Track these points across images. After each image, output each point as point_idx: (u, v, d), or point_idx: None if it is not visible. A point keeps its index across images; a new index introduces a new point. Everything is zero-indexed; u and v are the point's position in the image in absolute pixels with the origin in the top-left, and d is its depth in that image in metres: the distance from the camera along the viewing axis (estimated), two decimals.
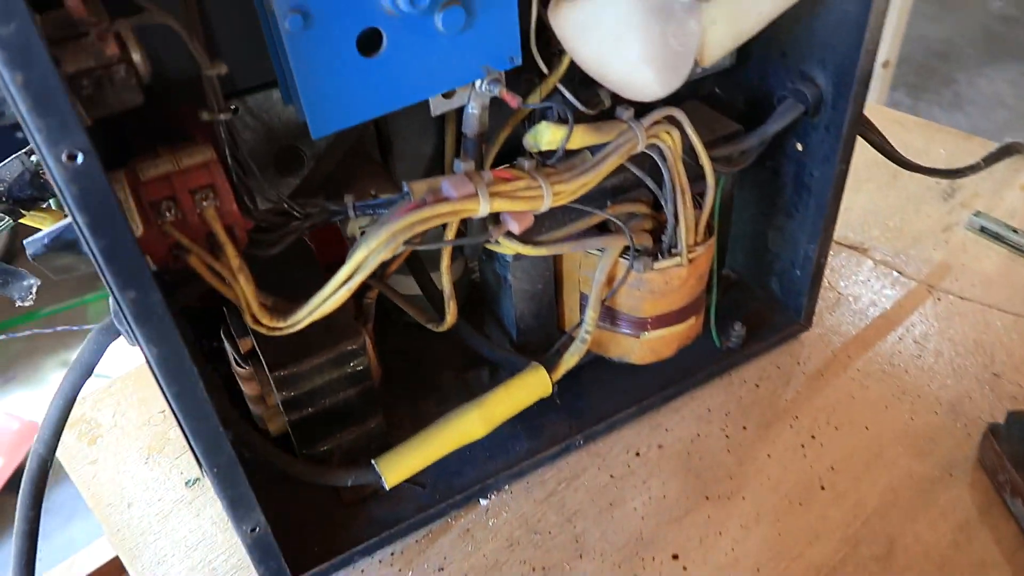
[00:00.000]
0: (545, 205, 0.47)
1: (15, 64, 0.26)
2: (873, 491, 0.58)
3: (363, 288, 0.61)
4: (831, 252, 0.79)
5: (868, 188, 0.89)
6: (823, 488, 0.58)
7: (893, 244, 0.81)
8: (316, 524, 0.55)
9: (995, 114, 2.51)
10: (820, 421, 0.63)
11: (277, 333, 0.43)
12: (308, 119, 0.40)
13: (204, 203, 0.38)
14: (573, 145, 0.49)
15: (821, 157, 0.61)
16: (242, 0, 0.39)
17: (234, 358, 0.55)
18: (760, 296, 0.73)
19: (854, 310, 0.73)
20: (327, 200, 0.45)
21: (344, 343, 0.53)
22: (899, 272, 0.78)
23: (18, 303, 0.46)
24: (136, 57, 0.35)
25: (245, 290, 0.40)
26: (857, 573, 0.53)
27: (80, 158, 0.29)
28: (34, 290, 0.46)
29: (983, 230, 0.81)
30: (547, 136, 0.48)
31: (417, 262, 0.58)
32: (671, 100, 0.64)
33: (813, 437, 0.62)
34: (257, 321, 0.42)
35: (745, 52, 0.63)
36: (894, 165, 0.77)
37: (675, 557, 0.54)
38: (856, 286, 0.76)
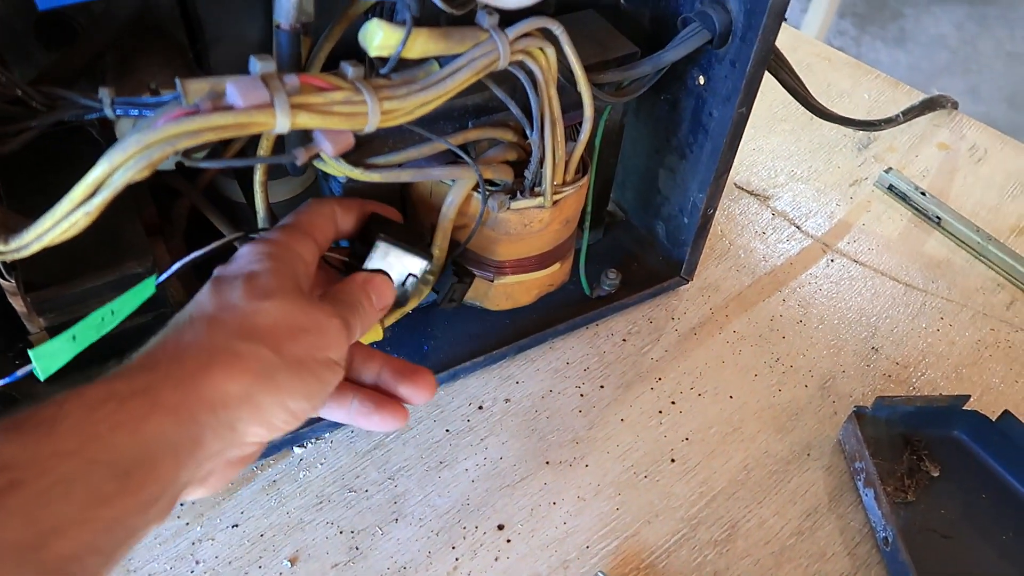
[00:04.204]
0: (370, 125, 0.39)
1: None
2: (725, 468, 0.54)
3: (173, 195, 0.52)
4: (731, 197, 0.74)
5: (782, 129, 0.83)
6: (673, 461, 0.54)
7: (796, 195, 0.75)
8: None
9: (936, 55, 2.46)
10: (684, 385, 0.58)
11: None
12: None
13: None
14: (414, 54, 0.40)
15: (723, 95, 0.53)
16: None
17: None
18: (644, 239, 0.66)
19: (742, 264, 0.68)
20: (85, 90, 0.35)
21: (129, 263, 0.44)
22: (797, 227, 0.72)
23: None
24: None
25: None
26: (690, 557, 0.49)
27: None
28: None
29: (891, 188, 0.76)
30: (379, 38, 0.38)
31: (247, 168, 0.49)
32: (566, 8, 0.55)
33: (673, 403, 0.57)
34: None
35: None
36: None
37: (500, 527, 0.50)
38: (750, 238, 0.70)
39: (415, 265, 0.44)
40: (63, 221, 0.33)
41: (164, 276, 0.40)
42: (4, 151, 0.35)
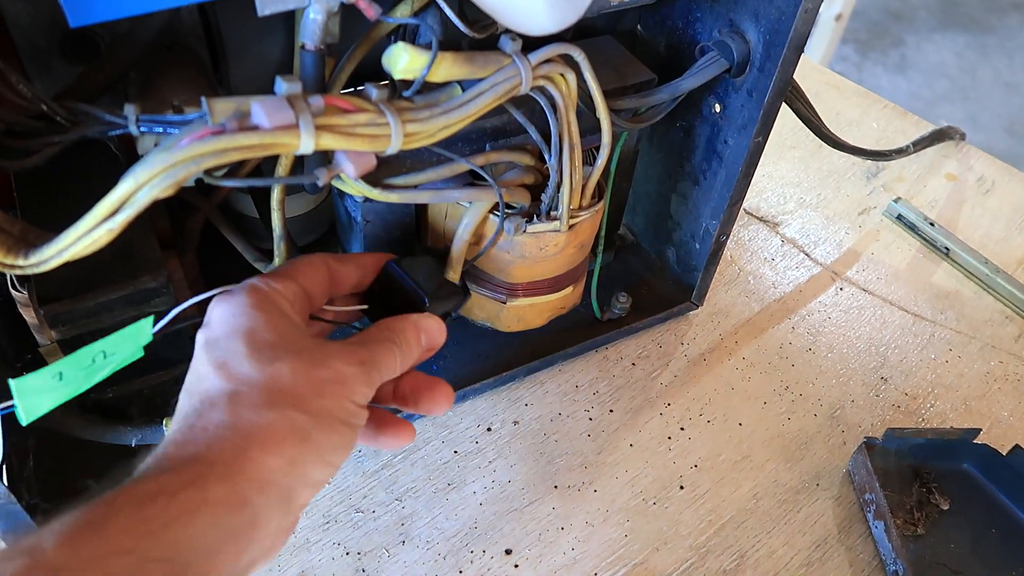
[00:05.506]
0: (392, 147, 0.39)
1: None
2: (734, 496, 0.54)
3: (187, 210, 0.51)
4: (741, 222, 0.74)
5: (792, 156, 0.83)
6: (682, 488, 0.54)
7: (806, 222, 0.76)
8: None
9: (936, 83, 2.48)
10: (693, 411, 0.58)
11: (17, 272, 0.34)
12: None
13: None
14: (438, 77, 0.40)
15: (739, 124, 0.53)
16: None
17: (10, 278, 0.46)
18: (654, 263, 0.66)
19: (751, 290, 0.68)
20: (110, 105, 0.35)
21: (143, 278, 0.44)
22: (806, 254, 0.72)
23: None
24: None
25: None
26: None
27: None
28: None
29: (900, 218, 0.76)
30: (403, 62, 0.38)
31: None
32: (584, 33, 0.55)
33: (682, 429, 0.57)
34: None
35: None
36: None
37: (508, 552, 0.49)
38: (759, 264, 0.71)
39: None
40: (85, 237, 0.33)
41: (160, 325, 0.38)
42: (27, 165, 0.35)
